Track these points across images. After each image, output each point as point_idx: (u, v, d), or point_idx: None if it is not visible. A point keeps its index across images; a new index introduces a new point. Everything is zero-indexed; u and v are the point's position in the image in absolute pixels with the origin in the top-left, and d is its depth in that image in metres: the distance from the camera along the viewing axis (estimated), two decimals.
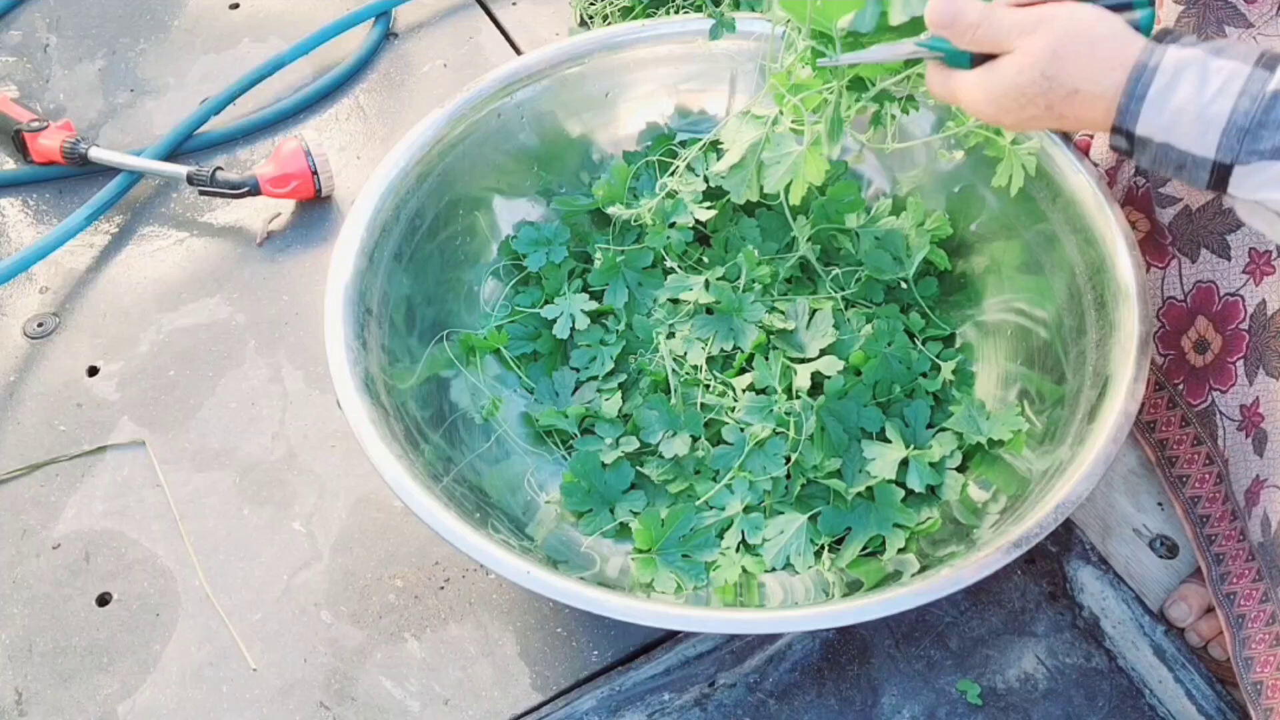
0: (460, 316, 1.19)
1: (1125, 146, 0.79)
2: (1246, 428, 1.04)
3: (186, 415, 1.26)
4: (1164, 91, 0.76)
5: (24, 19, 1.65)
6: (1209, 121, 0.75)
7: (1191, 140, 0.76)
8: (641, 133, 1.27)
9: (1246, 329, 1.04)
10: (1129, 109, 0.77)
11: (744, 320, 1.15)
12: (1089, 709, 1.06)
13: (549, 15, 1.63)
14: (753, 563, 1.05)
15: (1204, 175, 0.76)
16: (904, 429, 1.10)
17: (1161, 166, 0.78)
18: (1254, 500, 1.02)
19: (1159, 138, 0.77)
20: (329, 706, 1.07)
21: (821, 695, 1.07)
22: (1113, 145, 0.81)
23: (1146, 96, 0.76)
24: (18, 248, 1.40)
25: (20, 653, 1.11)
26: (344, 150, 1.49)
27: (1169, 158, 0.77)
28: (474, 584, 1.14)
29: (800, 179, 1.02)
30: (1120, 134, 0.79)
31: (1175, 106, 0.76)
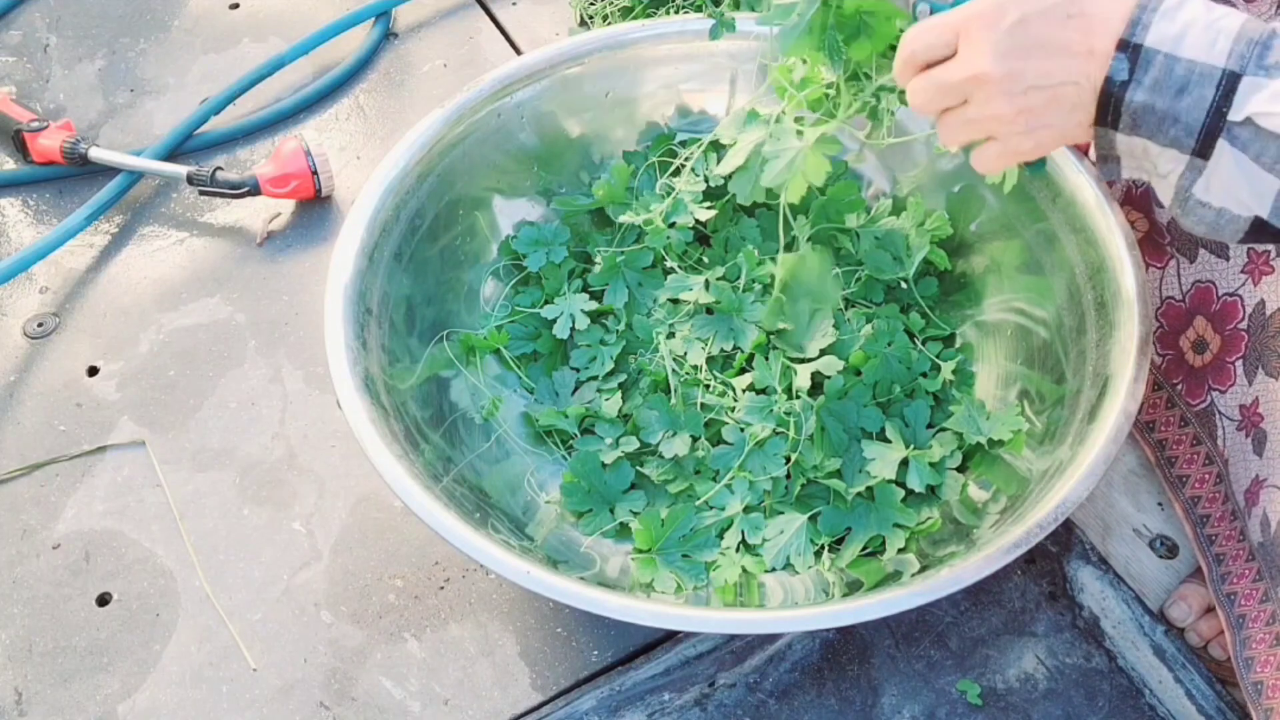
0: (460, 316, 1.19)
1: (1125, 74, 0.77)
2: (1246, 427, 1.04)
3: (186, 415, 1.26)
4: (1176, 6, 0.76)
5: (24, 19, 1.65)
6: (1219, 31, 0.75)
7: (1201, 49, 0.75)
8: (641, 133, 1.27)
9: (1245, 329, 1.04)
10: (1140, 19, 0.76)
11: (744, 320, 1.15)
12: (1089, 709, 1.06)
13: (549, 15, 1.63)
14: (753, 563, 1.05)
15: (1208, 93, 0.74)
16: (904, 429, 1.10)
17: (1159, 94, 0.76)
18: (1254, 500, 1.02)
19: (1166, 48, 0.75)
20: (329, 706, 1.07)
21: (821, 695, 1.07)
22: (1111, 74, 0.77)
23: (1160, 8, 0.76)
24: (18, 248, 1.40)
25: (20, 653, 1.11)
26: (344, 150, 1.49)
27: (1172, 75, 0.75)
28: (474, 584, 1.14)
29: (799, 177, 1.02)
30: (1125, 52, 0.76)
31: (1186, 18, 0.75)
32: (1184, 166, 0.77)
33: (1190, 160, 0.77)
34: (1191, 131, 0.76)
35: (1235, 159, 0.75)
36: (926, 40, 0.83)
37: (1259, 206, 0.76)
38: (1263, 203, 0.76)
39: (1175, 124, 0.76)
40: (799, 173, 1.02)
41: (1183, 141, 0.76)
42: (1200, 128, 0.75)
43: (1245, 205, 0.77)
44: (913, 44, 0.84)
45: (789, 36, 0.97)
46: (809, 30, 0.97)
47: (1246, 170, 0.75)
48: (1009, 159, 0.84)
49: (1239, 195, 0.76)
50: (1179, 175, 0.78)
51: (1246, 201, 0.76)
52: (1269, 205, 0.76)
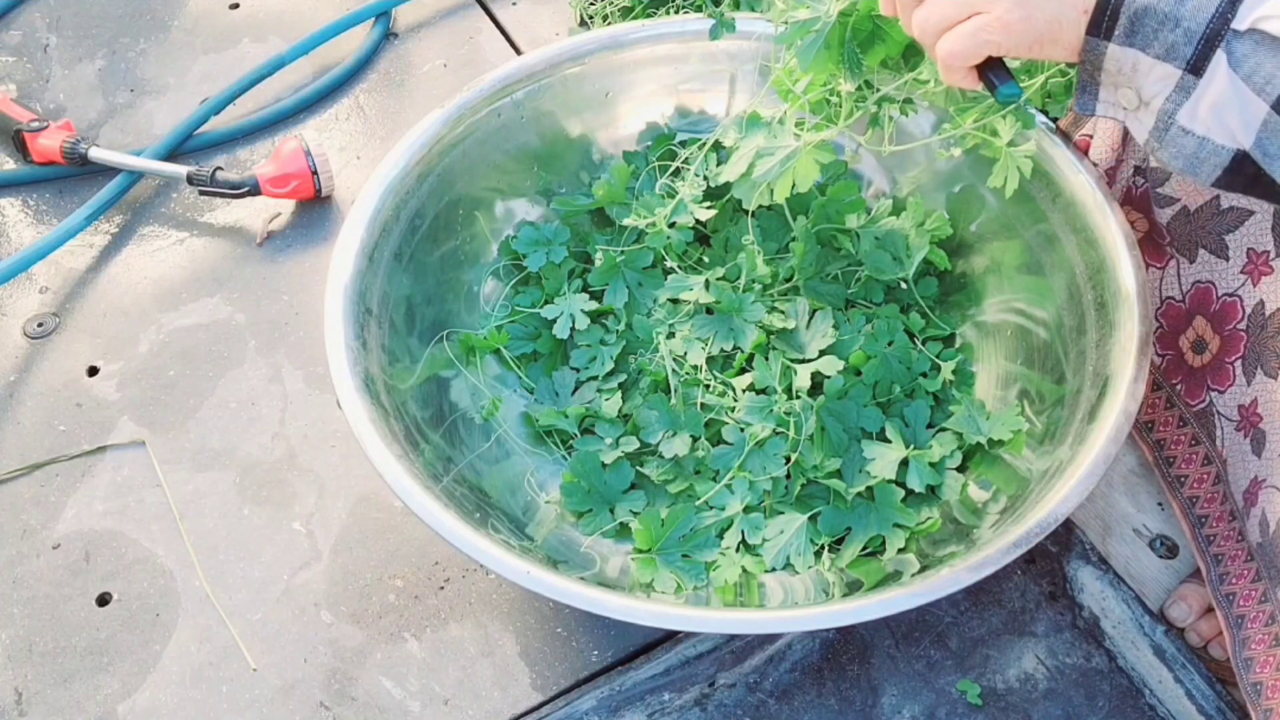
0: (460, 316, 1.19)
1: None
2: (1244, 428, 1.04)
3: (186, 415, 1.26)
4: None
5: (24, 19, 1.65)
6: None
7: None
8: (641, 133, 1.27)
9: (1244, 329, 1.04)
10: None
11: (744, 320, 1.15)
12: (1089, 709, 1.06)
13: (549, 15, 1.63)
14: (753, 563, 1.05)
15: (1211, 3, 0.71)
16: (904, 429, 1.10)
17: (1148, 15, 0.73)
18: (1252, 500, 1.02)
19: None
20: (329, 706, 1.07)
21: (821, 695, 1.07)
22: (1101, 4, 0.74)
23: None
24: (18, 248, 1.40)
25: (20, 653, 1.11)
26: (344, 150, 1.49)
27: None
28: (474, 584, 1.14)
29: (789, 175, 1.02)
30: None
31: None
32: (1173, 86, 0.74)
33: (1181, 78, 0.73)
34: (1191, 38, 0.72)
35: (1229, 78, 0.72)
36: None
37: (1244, 136, 0.73)
38: (1248, 130, 0.73)
39: (1175, 27, 0.72)
40: (789, 172, 1.02)
41: (1179, 50, 0.73)
42: (1201, 34, 0.72)
43: (1231, 134, 0.73)
44: None
45: (808, 53, 0.97)
46: (828, 46, 0.97)
47: (1238, 91, 0.72)
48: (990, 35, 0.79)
49: (1227, 120, 0.73)
50: (1164, 98, 0.75)
51: (1233, 129, 0.73)
52: (1254, 134, 0.72)
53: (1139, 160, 1.11)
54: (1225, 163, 0.75)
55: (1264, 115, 0.71)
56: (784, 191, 1.04)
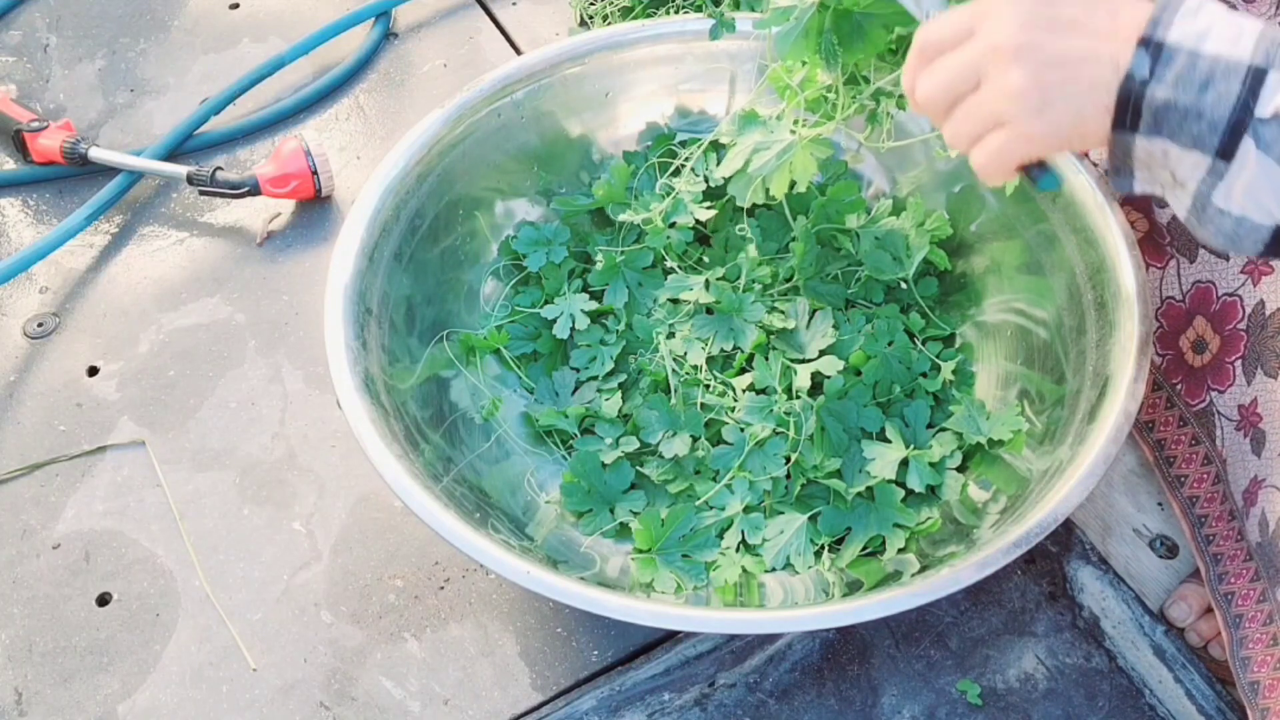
0: (460, 316, 1.19)
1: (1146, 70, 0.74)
2: (1244, 428, 1.04)
3: (186, 415, 1.26)
4: (1196, 7, 0.74)
5: (24, 19, 1.65)
6: (1242, 30, 0.73)
7: (1226, 43, 0.73)
8: (641, 133, 1.27)
9: (1244, 329, 1.04)
10: (1161, 19, 0.74)
11: (744, 320, 1.15)
12: (1089, 709, 1.06)
13: (549, 15, 1.63)
14: (753, 563, 1.05)
15: (1234, 87, 0.72)
16: (904, 429, 1.10)
17: (1182, 89, 0.73)
18: (1252, 500, 1.02)
19: (1190, 44, 0.73)
20: (329, 706, 1.07)
21: (821, 695, 1.07)
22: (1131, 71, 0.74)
23: (1180, 8, 0.74)
24: (18, 248, 1.40)
25: (20, 653, 1.11)
26: (344, 150, 1.49)
27: (1196, 70, 0.73)
28: (474, 584, 1.14)
29: (785, 171, 1.02)
30: (1147, 49, 0.74)
31: (1208, 17, 0.73)
32: (1205, 171, 0.74)
33: (1212, 163, 0.74)
34: (1216, 128, 0.73)
35: (1259, 160, 0.72)
36: (941, 28, 0.80)
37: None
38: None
39: (1199, 120, 0.73)
40: (785, 167, 1.02)
41: (1206, 140, 0.73)
42: (1225, 124, 0.72)
43: (1268, 212, 0.74)
44: (926, 34, 0.81)
45: (785, 40, 0.97)
46: (805, 34, 0.97)
47: (1270, 173, 0.72)
48: (1017, 147, 0.79)
49: (1262, 199, 0.74)
50: (1199, 181, 0.75)
51: (1269, 207, 0.74)
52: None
53: None
54: (1266, 237, 0.75)
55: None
56: (781, 188, 1.04)
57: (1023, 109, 0.77)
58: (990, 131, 0.80)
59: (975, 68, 0.78)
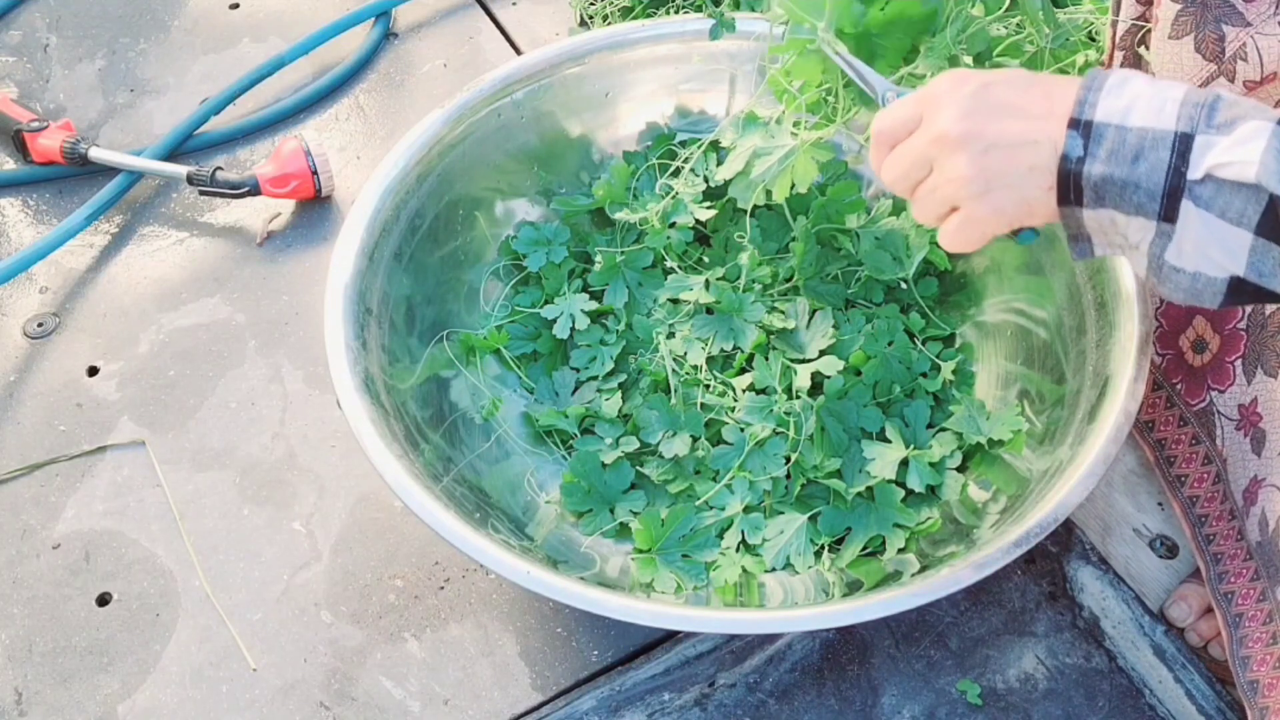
0: (460, 316, 1.19)
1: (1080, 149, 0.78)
2: (1244, 427, 1.04)
3: (186, 415, 1.26)
4: (1120, 84, 0.78)
5: (24, 19, 1.65)
6: (1165, 99, 0.76)
7: (1150, 116, 0.76)
8: (641, 133, 1.27)
9: (1244, 329, 1.04)
10: (1087, 99, 0.77)
11: (744, 320, 1.15)
12: (1089, 709, 1.06)
13: (549, 15, 1.63)
14: (753, 563, 1.05)
15: (1164, 155, 0.75)
16: (904, 429, 1.10)
17: (1116, 163, 0.76)
18: (1252, 500, 1.02)
19: (1116, 120, 0.76)
20: (329, 706, 1.07)
21: (821, 695, 1.07)
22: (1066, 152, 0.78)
23: (1104, 87, 0.77)
24: (18, 248, 1.40)
25: (20, 653, 1.11)
26: (344, 150, 1.49)
27: (1125, 144, 0.76)
28: (474, 584, 1.14)
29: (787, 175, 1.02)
30: (1077, 130, 0.78)
31: (1131, 92, 0.77)
32: (1153, 233, 0.77)
33: (1158, 226, 0.76)
34: (1154, 195, 0.76)
35: (1201, 218, 0.75)
36: (893, 118, 0.85)
37: (1233, 264, 0.75)
38: (1236, 260, 0.75)
39: (1137, 190, 0.76)
40: (788, 171, 1.02)
41: (1147, 207, 0.76)
42: (1161, 190, 0.75)
43: (1219, 265, 0.76)
44: (881, 123, 0.86)
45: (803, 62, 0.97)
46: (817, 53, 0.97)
47: (1214, 228, 0.75)
48: (972, 229, 0.83)
49: (1211, 255, 0.76)
50: (1149, 243, 0.78)
51: (1220, 261, 0.76)
52: (1243, 261, 0.75)
53: None
54: (1223, 289, 0.77)
55: (1249, 242, 0.74)
56: (783, 191, 1.04)
57: (969, 194, 0.82)
58: (949, 212, 0.84)
59: (925, 156, 0.83)
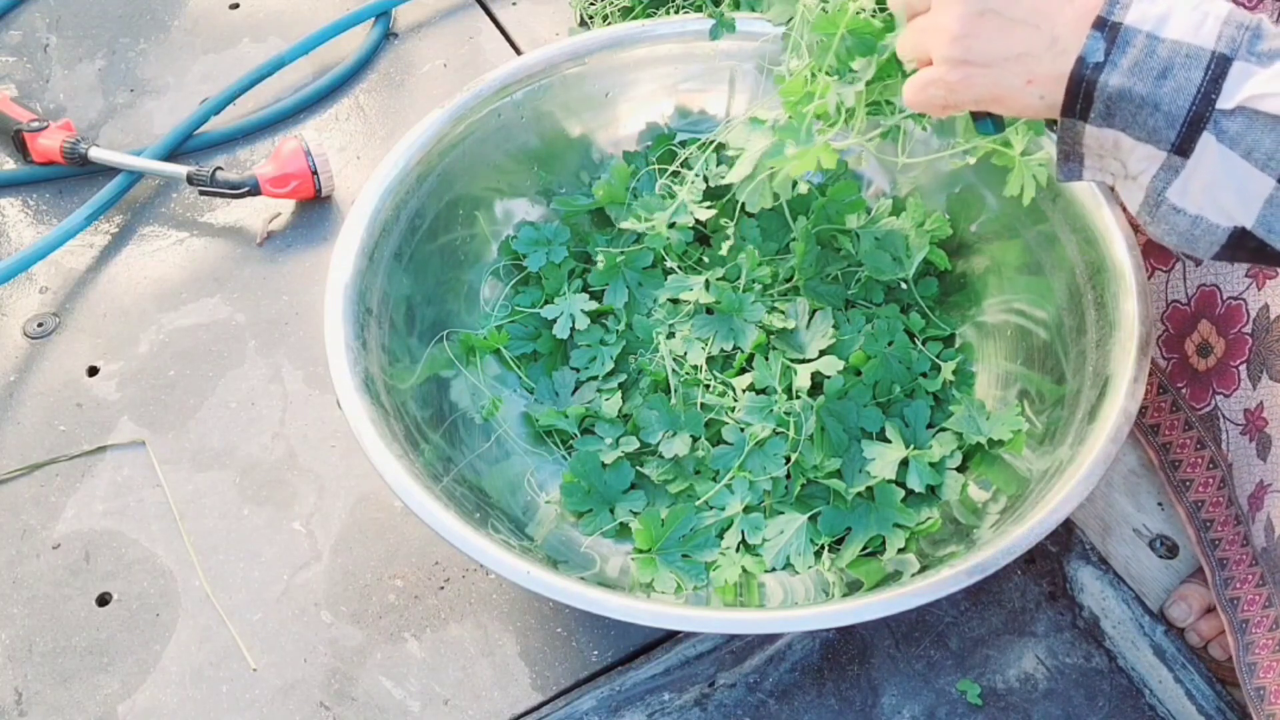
0: (460, 316, 1.19)
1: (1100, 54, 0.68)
2: (1250, 432, 1.04)
3: (186, 415, 1.26)
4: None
5: (24, 19, 1.65)
6: (1207, 13, 0.68)
7: (1188, 29, 0.67)
8: (641, 133, 1.27)
9: (1249, 333, 1.04)
10: None
11: (744, 320, 1.15)
12: (1089, 709, 1.06)
13: (549, 15, 1.63)
14: (753, 563, 1.05)
15: (1195, 77, 0.67)
16: (904, 429, 1.10)
17: (1138, 77, 0.68)
18: (1257, 505, 1.01)
19: (1148, 27, 0.67)
20: (329, 706, 1.07)
21: (821, 695, 1.07)
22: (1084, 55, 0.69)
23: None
24: (18, 248, 1.40)
25: (20, 653, 1.11)
26: (344, 150, 1.49)
27: (1154, 56, 0.67)
28: (474, 584, 1.14)
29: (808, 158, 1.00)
30: (1102, 31, 0.68)
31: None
32: (1159, 165, 0.69)
33: (1167, 158, 0.69)
34: (1173, 121, 0.68)
35: (1221, 156, 0.67)
36: None
37: (1243, 214, 0.68)
38: (1248, 209, 0.68)
39: (1155, 112, 0.68)
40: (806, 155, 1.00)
41: (1161, 134, 0.68)
42: (1184, 117, 0.67)
43: (1226, 212, 0.69)
44: None
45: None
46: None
47: (1234, 169, 0.67)
48: (935, 91, 0.76)
49: (1220, 200, 0.69)
50: (1151, 176, 0.70)
51: (1228, 208, 0.69)
52: (1256, 212, 0.68)
53: None
54: (1223, 240, 0.70)
55: (1269, 191, 0.67)
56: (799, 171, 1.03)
57: (945, 54, 0.74)
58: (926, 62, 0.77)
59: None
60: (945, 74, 0.75)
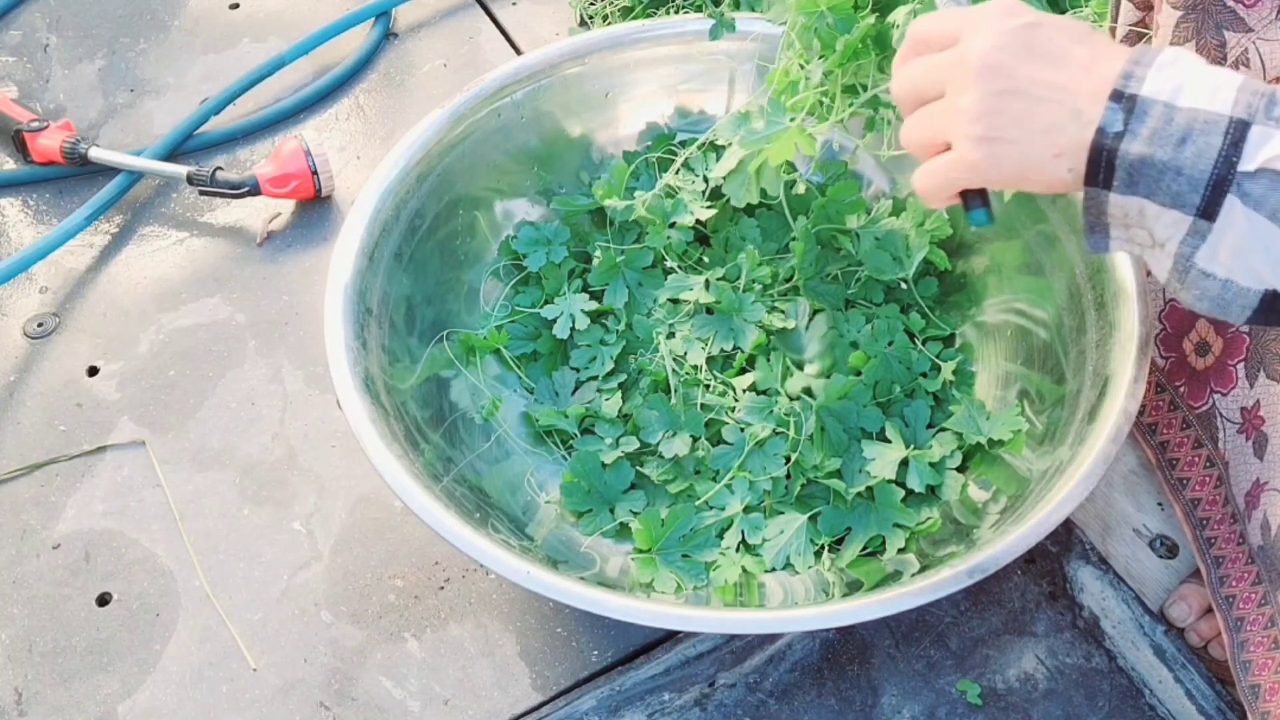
0: (460, 316, 1.19)
1: (1119, 124, 0.69)
2: (1247, 430, 1.04)
3: (186, 415, 1.26)
4: (1172, 60, 0.70)
5: (24, 19, 1.65)
6: (1221, 83, 0.69)
7: (1204, 96, 0.68)
8: (641, 133, 1.27)
9: (1247, 331, 1.04)
10: (1134, 73, 0.70)
11: (744, 320, 1.15)
12: (1089, 709, 1.06)
13: (549, 15, 1.63)
14: (753, 563, 1.05)
15: (1215, 141, 0.67)
16: (904, 429, 1.10)
17: (1159, 144, 0.68)
18: (1254, 503, 1.02)
19: (1165, 97, 0.68)
20: (329, 706, 1.07)
21: (821, 695, 1.07)
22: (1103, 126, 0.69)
23: (1155, 62, 0.70)
24: (18, 248, 1.40)
25: (20, 653, 1.11)
26: (344, 150, 1.49)
27: (1172, 124, 0.68)
28: (474, 584, 1.14)
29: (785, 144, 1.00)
30: (1119, 103, 0.69)
31: (1184, 71, 0.69)
32: (1186, 231, 0.69)
33: (1193, 223, 0.68)
34: (1196, 185, 0.68)
35: (1248, 218, 0.67)
36: (931, 26, 0.77)
37: (1273, 276, 0.68)
38: (1278, 270, 0.68)
39: (1178, 177, 0.68)
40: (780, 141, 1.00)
41: (1185, 198, 0.68)
42: (1207, 181, 0.67)
43: (1258, 276, 0.69)
44: (917, 28, 0.78)
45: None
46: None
47: (1261, 231, 0.67)
48: (958, 173, 0.75)
49: (1251, 263, 0.68)
50: (1179, 241, 0.70)
51: (1259, 270, 0.68)
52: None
53: None
54: (1254, 303, 0.70)
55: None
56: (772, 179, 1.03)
57: (969, 134, 0.74)
58: (939, 149, 0.77)
59: (941, 75, 0.75)
60: (968, 153, 0.74)
